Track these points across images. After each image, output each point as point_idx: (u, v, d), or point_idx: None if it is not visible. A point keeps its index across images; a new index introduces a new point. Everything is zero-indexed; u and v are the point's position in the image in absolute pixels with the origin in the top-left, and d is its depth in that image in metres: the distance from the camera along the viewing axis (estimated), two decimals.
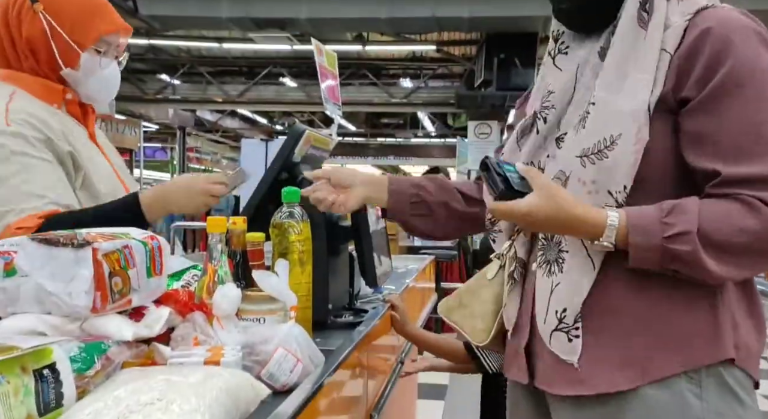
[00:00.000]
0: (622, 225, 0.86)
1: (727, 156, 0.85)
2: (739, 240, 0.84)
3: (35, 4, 1.25)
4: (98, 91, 1.36)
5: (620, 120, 0.88)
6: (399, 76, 12.50)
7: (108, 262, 0.82)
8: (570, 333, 0.93)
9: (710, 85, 0.86)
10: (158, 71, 12.31)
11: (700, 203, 0.86)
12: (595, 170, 0.89)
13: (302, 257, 1.17)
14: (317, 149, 1.53)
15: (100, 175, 1.33)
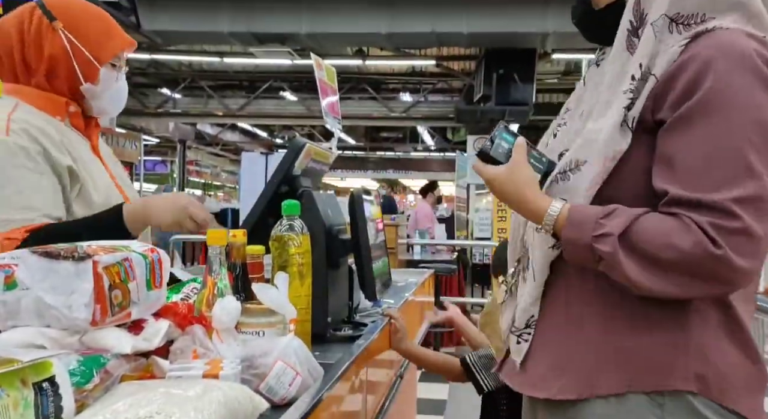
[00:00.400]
0: (563, 217, 0.89)
1: (680, 179, 0.84)
2: (666, 255, 0.82)
3: (54, 22, 1.27)
4: (112, 104, 1.40)
5: (589, 147, 0.90)
6: (398, 91, 12.55)
7: (108, 275, 0.82)
8: (521, 336, 0.98)
9: (683, 107, 0.85)
10: (159, 85, 12.37)
11: (642, 212, 0.85)
12: (559, 188, 0.93)
13: (302, 270, 1.18)
14: (317, 163, 1.53)
15: (96, 186, 1.33)
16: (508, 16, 7.48)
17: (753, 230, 0.80)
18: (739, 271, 0.81)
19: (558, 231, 0.90)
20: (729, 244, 0.80)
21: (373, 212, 1.57)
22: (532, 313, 0.96)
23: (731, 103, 0.83)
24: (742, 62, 0.83)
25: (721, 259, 0.80)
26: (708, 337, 0.87)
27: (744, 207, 0.80)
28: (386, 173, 18.66)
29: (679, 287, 0.84)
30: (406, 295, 2.03)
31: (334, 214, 1.44)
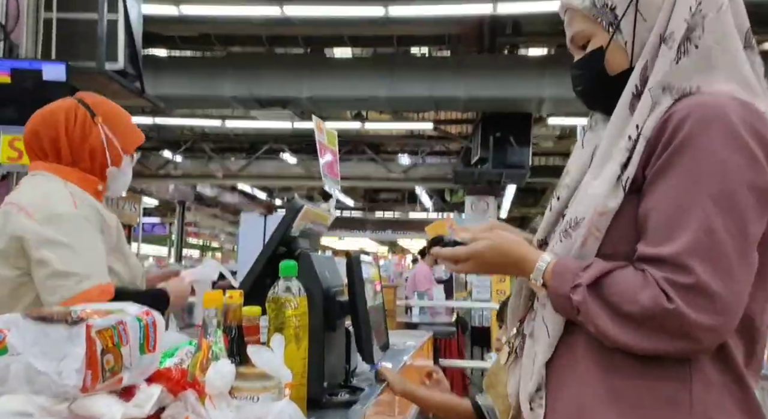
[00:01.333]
0: (549, 270, 0.92)
1: (647, 236, 0.87)
2: (629, 309, 0.84)
3: (95, 117, 1.52)
4: (121, 186, 1.63)
5: (586, 204, 0.92)
6: (397, 153, 12.75)
7: (101, 339, 0.81)
8: (534, 401, 0.96)
9: (656, 164, 0.88)
10: (161, 148, 12.57)
11: (617, 266, 0.87)
12: (561, 247, 0.95)
13: (298, 332, 1.16)
14: (315, 224, 1.54)
15: (130, 250, 1.59)
16: (504, 82, 7.71)
17: (707, 285, 0.80)
18: (696, 326, 0.81)
19: (546, 283, 0.93)
20: (682, 299, 0.81)
21: (371, 274, 1.56)
22: (542, 374, 0.95)
23: (697, 162, 0.84)
24: (715, 120, 0.85)
25: (674, 314, 0.81)
26: (712, 399, 0.86)
27: (697, 261, 0.81)
28: (384, 233, 18.68)
29: (645, 341, 0.84)
30: (405, 358, 1.99)
31: (331, 275, 1.44)
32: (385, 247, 23.99)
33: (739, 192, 0.83)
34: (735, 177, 0.83)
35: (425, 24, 8.01)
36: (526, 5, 6.92)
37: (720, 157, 0.84)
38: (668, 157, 0.86)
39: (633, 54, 0.95)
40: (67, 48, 4.43)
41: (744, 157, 0.84)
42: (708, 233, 0.82)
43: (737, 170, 0.83)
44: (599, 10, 0.96)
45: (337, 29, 8.46)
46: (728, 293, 0.81)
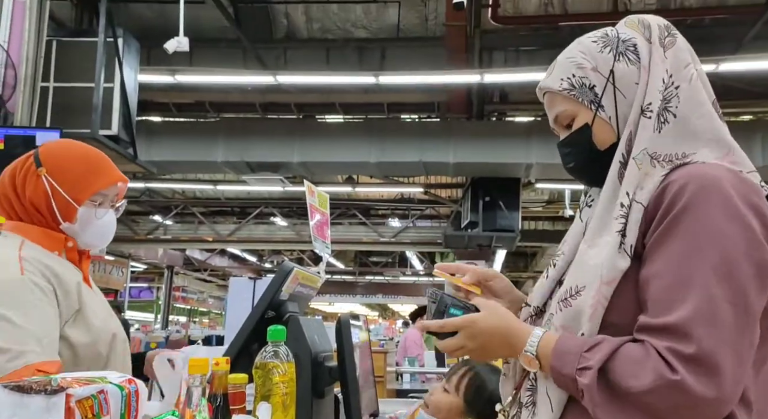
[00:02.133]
0: (549, 347, 0.90)
1: (648, 306, 0.86)
2: (635, 385, 0.81)
3: (39, 169, 1.36)
4: (95, 239, 1.43)
5: (586, 273, 0.92)
6: (387, 216, 12.82)
7: (81, 409, 0.78)
8: None
9: (655, 234, 0.88)
10: (152, 212, 12.57)
11: (621, 344, 0.86)
12: (562, 316, 0.94)
13: (285, 399, 1.12)
14: (305, 287, 1.53)
15: (96, 315, 1.36)
16: (492, 147, 7.87)
17: (710, 355, 0.79)
18: (700, 399, 0.78)
19: (542, 359, 0.91)
20: (686, 369, 0.79)
21: (361, 338, 1.54)
22: None
23: (696, 231, 0.85)
24: (713, 191, 0.86)
25: (679, 386, 0.79)
26: None
27: (699, 330, 0.80)
28: (375, 297, 18.50)
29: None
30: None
31: (320, 340, 1.41)
32: (375, 312, 23.69)
33: (738, 262, 0.83)
34: (734, 248, 0.84)
35: (415, 92, 8.25)
36: (511, 76, 7.19)
37: (719, 227, 0.84)
38: (668, 225, 0.87)
39: (618, 127, 0.97)
40: (62, 115, 4.51)
41: (742, 228, 0.84)
42: (709, 302, 0.81)
43: (736, 240, 0.84)
44: (579, 90, 0.99)
45: (328, 96, 8.69)
46: (730, 364, 0.80)
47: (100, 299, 1.47)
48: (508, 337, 0.96)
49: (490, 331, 0.97)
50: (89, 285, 1.44)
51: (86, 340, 1.30)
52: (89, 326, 1.32)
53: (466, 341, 0.97)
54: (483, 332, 0.97)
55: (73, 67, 4.64)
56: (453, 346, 0.98)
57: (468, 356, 1.00)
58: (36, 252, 1.32)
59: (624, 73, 0.96)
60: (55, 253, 1.37)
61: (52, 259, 1.35)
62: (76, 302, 1.32)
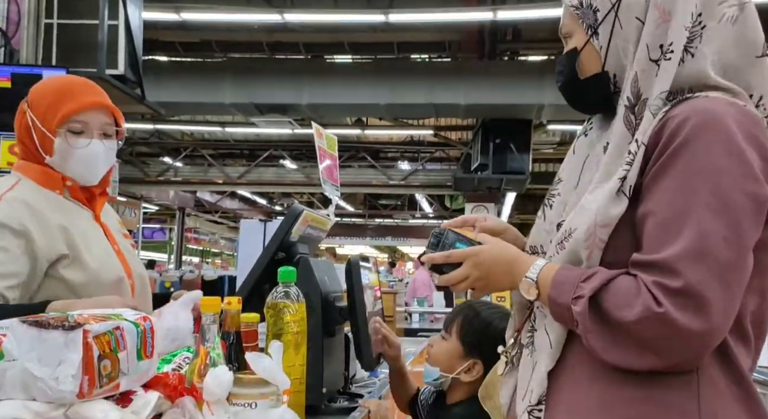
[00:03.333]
0: (548, 278, 0.91)
1: (642, 242, 0.86)
2: (625, 316, 0.82)
3: (24, 103, 1.35)
4: (81, 171, 1.37)
5: (581, 216, 0.92)
6: (397, 159, 12.76)
7: (98, 344, 0.81)
8: (531, 413, 0.95)
9: (652, 170, 0.87)
10: (161, 154, 12.58)
11: (616, 275, 0.86)
12: (559, 258, 0.94)
13: (297, 338, 1.15)
14: (314, 229, 1.54)
15: (95, 257, 1.34)
16: (503, 88, 7.72)
17: (696, 289, 0.80)
18: (685, 332, 0.79)
19: (541, 288, 0.92)
20: (671, 303, 0.80)
21: (371, 279, 1.56)
22: (545, 385, 0.94)
23: (693, 167, 0.84)
24: (712, 125, 0.84)
25: (663, 318, 0.80)
26: (720, 405, 0.84)
27: (688, 265, 0.80)
28: (384, 240, 18.66)
29: (634, 358, 0.83)
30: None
31: (330, 281, 1.43)
32: (384, 254, 23.98)
33: (734, 198, 0.82)
34: (730, 184, 0.83)
35: (425, 30, 8.03)
36: (525, 12, 6.94)
37: (716, 163, 0.83)
38: (665, 161, 0.86)
39: (606, 61, 0.95)
40: (68, 54, 4.45)
41: (740, 164, 0.83)
42: (701, 238, 0.81)
43: (733, 176, 0.83)
44: (583, 10, 0.96)
45: (337, 36, 8.48)
46: (719, 298, 0.80)
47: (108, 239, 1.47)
48: (512, 265, 0.97)
49: (494, 259, 0.98)
50: (101, 224, 1.43)
51: (83, 279, 1.29)
52: (85, 267, 1.31)
53: (471, 270, 0.99)
54: (488, 260, 0.98)
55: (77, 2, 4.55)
56: (458, 277, 0.99)
57: (472, 288, 1.01)
58: (28, 193, 1.30)
59: (630, 5, 0.92)
60: (56, 192, 1.35)
61: (50, 201, 1.32)
62: (63, 246, 1.29)
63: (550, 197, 1.05)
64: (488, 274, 0.99)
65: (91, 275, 1.31)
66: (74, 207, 1.38)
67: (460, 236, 1.03)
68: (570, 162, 1.05)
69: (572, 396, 0.91)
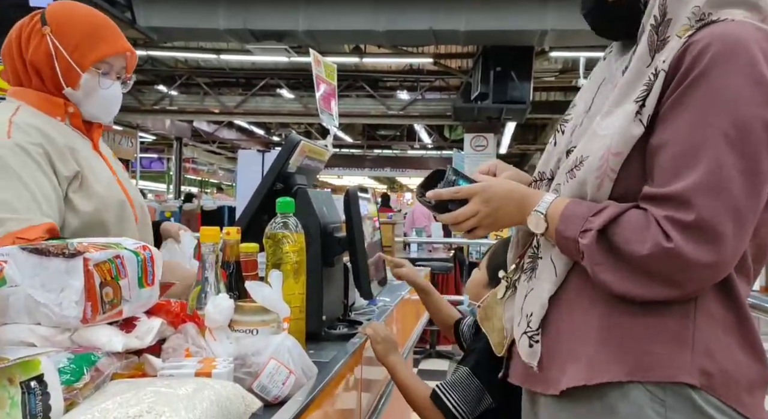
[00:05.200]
0: (557, 212, 0.90)
1: (655, 174, 0.85)
2: (634, 250, 0.83)
3: (44, 27, 1.30)
4: (98, 111, 1.39)
5: (593, 143, 0.90)
6: (396, 89, 12.53)
7: (99, 272, 0.82)
8: (532, 338, 0.96)
9: (670, 99, 0.84)
10: (156, 82, 12.32)
11: (626, 209, 0.86)
12: (569, 187, 0.93)
13: (296, 267, 1.17)
14: (312, 160, 1.53)
15: (99, 179, 1.35)
16: (505, 14, 7.47)
17: (708, 222, 0.79)
18: (695, 264, 0.80)
19: (549, 222, 0.92)
20: (681, 236, 0.80)
21: (369, 210, 1.56)
22: (546, 310, 0.95)
23: (711, 97, 0.81)
24: (736, 53, 0.81)
25: (672, 253, 0.80)
26: (714, 334, 0.86)
27: (701, 198, 0.79)
28: (383, 171, 18.62)
29: (642, 288, 0.84)
30: (402, 293, 2.02)
31: (329, 212, 1.44)
32: (383, 185, 24.02)
33: (754, 129, 0.80)
34: (750, 113, 0.80)
35: None
36: None
37: (736, 92, 0.80)
38: (684, 90, 0.83)
39: None
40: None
41: (762, 93, 0.81)
42: (717, 170, 0.80)
43: (753, 105, 0.80)
44: None
45: None
46: (731, 233, 0.80)
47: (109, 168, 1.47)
48: (521, 200, 0.96)
49: (504, 195, 0.97)
50: (99, 153, 1.43)
51: (89, 208, 1.29)
52: (91, 193, 1.31)
53: (480, 206, 0.97)
54: (497, 196, 0.97)
55: None
56: (467, 213, 0.98)
57: (478, 226, 1.00)
58: (33, 117, 1.29)
59: None
60: (57, 119, 1.34)
61: (52, 125, 1.31)
62: (73, 164, 1.29)
63: (563, 123, 1.03)
64: (497, 210, 0.97)
65: (97, 202, 1.32)
66: (75, 135, 1.37)
67: (464, 175, 1.01)
68: (586, 88, 1.03)
69: (571, 322, 0.92)
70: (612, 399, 0.87)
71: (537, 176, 1.04)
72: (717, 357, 0.85)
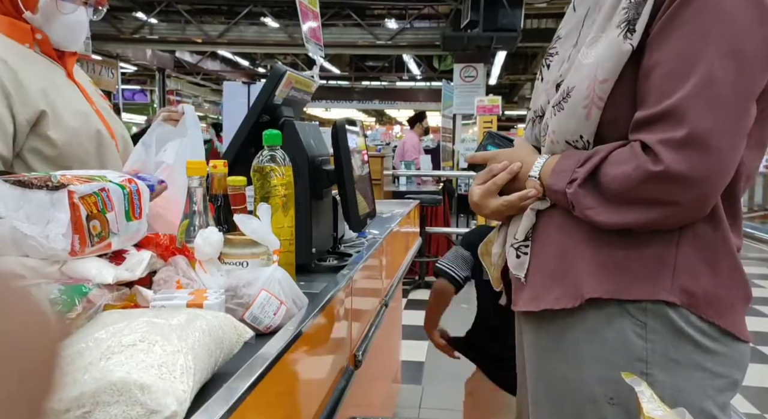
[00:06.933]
0: (549, 168, 0.93)
1: (646, 98, 0.84)
2: (615, 186, 0.84)
3: None
4: (61, 37, 1.34)
5: (579, 73, 0.89)
6: (384, 17, 12.16)
7: (85, 205, 0.81)
8: (519, 249, 0.99)
9: (660, 21, 0.82)
10: (134, 9, 11.85)
11: (611, 149, 0.86)
12: (556, 120, 0.93)
13: (285, 201, 1.16)
14: (299, 92, 1.49)
15: (73, 113, 1.31)
16: None
17: (701, 137, 0.78)
18: (690, 179, 0.80)
19: (543, 181, 0.94)
20: (674, 155, 0.79)
21: (358, 143, 1.55)
22: (533, 221, 0.97)
23: (704, 14, 0.79)
24: None
25: (661, 175, 0.80)
26: (697, 256, 0.88)
27: (694, 111, 0.78)
28: (371, 103, 18.36)
29: (631, 214, 0.85)
30: (392, 226, 2.04)
31: (317, 144, 1.42)
32: (372, 118, 23.73)
33: (747, 41, 0.79)
34: (744, 25, 0.79)
35: None
36: None
37: (729, 9, 0.79)
38: (674, 11, 0.81)
39: None
40: None
41: (756, 8, 0.79)
42: (709, 84, 0.79)
43: (746, 21, 0.79)
44: None
45: None
46: (724, 144, 0.80)
47: (86, 98, 1.43)
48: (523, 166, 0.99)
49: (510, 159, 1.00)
50: (74, 81, 1.39)
51: (65, 137, 1.28)
52: (65, 126, 1.29)
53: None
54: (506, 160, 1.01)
55: None
56: (481, 177, 1.04)
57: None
58: (1, 47, 1.24)
59: None
60: (26, 46, 1.30)
61: (20, 53, 1.27)
62: (40, 102, 1.26)
63: (548, 57, 1.02)
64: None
65: (71, 132, 1.29)
66: (46, 63, 1.32)
67: (498, 140, 1.09)
68: (570, 19, 1.00)
69: (559, 234, 0.94)
70: (594, 323, 0.90)
71: (531, 115, 1.04)
72: (698, 276, 0.87)
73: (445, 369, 3.22)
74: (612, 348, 0.89)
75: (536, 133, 1.02)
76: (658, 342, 0.87)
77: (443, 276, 1.84)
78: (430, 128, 8.75)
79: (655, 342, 0.87)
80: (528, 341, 1.02)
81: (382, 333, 1.80)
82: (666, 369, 0.87)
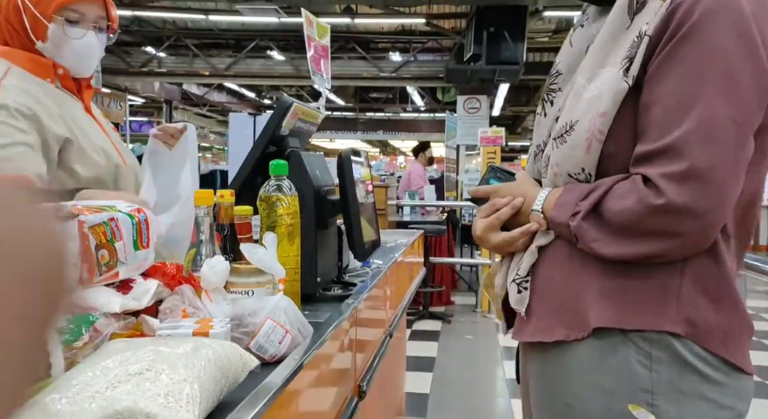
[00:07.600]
0: (552, 201, 0.94)
1: (645, 132, 0.86)
2: (618, 219, 0.85)
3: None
4: (72, 62, 1.35)
5: (579, 107, 0.90)
6: (388, 50, 12.36)
7: (94, 235, 0.82)
8: (520, 284, 0.99)
9: (659, 58, 0.85)
10: (143, 44, 12.08)
11: (614, 182, 0.87)
12: (559, 153, 0.94)
13: (290, 230, 1.17)
14: (305, 123, 1.52)
15: (94, 144, 1.34)
16: None
17: (702, 169, 0.80)
18: (687, 211, 0.81)
19: (546, 215, 0.95)
20: (675, 188, 0.80)
21: (362, 174, 1.56)
22: (535, 256, 0.97)
23: (700, 53, 0.82)
24: (724, 10, 0.81)
25: (663, 208, 0.81)
26: (699, 287, 0.88)
27: (694, 146, 0.80)
28: (376, 134, 18.52)
29: (632, 247, 0.85)
30: (396, 256, 2.04)
31: (322, 174, 1.44)
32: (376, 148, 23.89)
33: (743, 79, 0.81)
34: (739, 63, 0.81)
35: None
36: None
37: (725, 44, 0.81)
38: (672, 48, 0.83)
39: None
40: None
41: (750, 45, 0.81)
42: (709, 119, 0.81)
43: (741, 56, 0.81)
44: None
45: None
46: (724, 179, 0.81)
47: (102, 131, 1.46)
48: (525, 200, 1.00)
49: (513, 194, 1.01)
50: (92, 116, 1.42)
51: (89, 174, 1.31)
52: (89, 161, 1.32)
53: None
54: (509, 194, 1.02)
55: None
56: (484, 211, 1.04)
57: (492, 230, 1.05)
58: (23, 81, 1.28)
59: None
60: (47, 81, 1.32)
61: (43, 87, 1.30)
62: (64, 130, 1.28)
63: (550, 93, 1.04)
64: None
65: (96, 171, 1.32)
66: (66, 97, 1.36)
67: (500, 174, 1.09)
68: (568, 55, 1.02)
69: (563, 266, 0.94)
70: (598, 352, 0.90)
71: (534, 149, 1.05)
72: (702, 307, 0.87)
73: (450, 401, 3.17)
74: (616, 377, 0.88)
75: (538, 166, 1.03)
76: (663, 372, 0.87)
77: None
78: (434, 159, 8.80)
79: (660, 372, 0.87)
80: (532, 370, 1.01)
81: (387, 364, 1.79)
82: (671, 399, 0.86)
